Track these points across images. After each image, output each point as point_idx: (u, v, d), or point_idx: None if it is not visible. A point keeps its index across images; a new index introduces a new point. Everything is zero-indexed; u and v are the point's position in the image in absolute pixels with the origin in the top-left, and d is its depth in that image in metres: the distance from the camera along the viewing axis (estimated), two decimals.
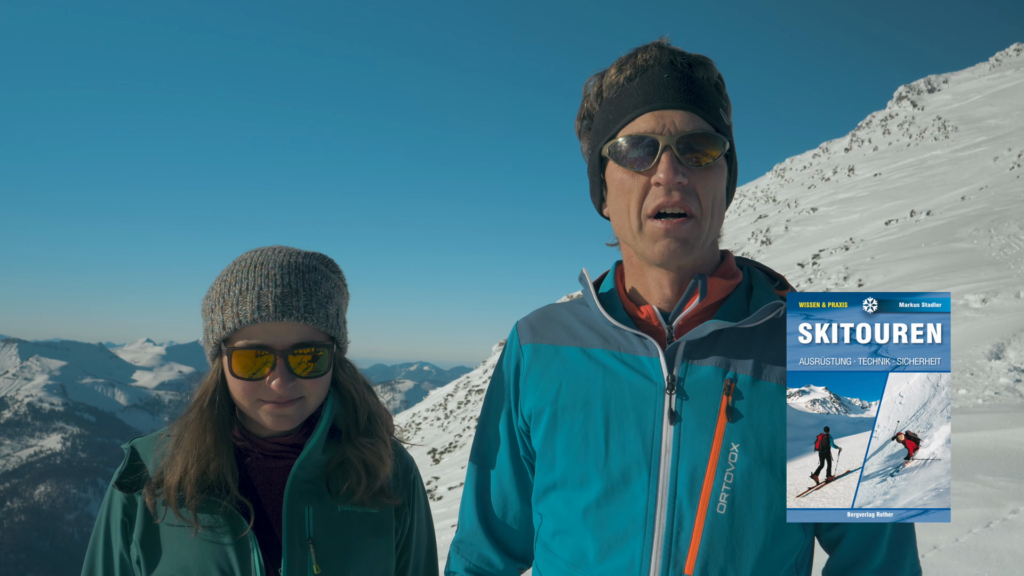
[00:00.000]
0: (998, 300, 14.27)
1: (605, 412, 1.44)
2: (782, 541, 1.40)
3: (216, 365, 1.67)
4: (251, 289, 1.61)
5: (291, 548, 1.64)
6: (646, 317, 1.49)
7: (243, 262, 1.67)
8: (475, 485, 1.68)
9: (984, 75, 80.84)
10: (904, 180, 46.83)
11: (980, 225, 23.20)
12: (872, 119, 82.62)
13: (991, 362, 11.05)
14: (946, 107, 70.87)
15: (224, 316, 1.61)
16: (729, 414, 1.38)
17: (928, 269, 19.44)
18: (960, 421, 7.75)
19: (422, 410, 43.02)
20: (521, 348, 1.61)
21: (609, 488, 1.41)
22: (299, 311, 1.61)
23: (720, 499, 1.36)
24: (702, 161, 1.37)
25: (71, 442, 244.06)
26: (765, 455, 1.37)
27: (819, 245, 34.48)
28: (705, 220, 1.39)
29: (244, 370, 1.61)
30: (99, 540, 1.70)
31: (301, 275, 1.65)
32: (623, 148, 1.40)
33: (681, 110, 1.38)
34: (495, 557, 1.64)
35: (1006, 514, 5.30)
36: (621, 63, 1.45)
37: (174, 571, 1.61)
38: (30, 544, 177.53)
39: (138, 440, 1.74)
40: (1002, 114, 58.52)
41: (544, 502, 1.53)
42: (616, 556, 1.40)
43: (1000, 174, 36.93)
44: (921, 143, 61.05)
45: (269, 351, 1.60)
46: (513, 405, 1.61)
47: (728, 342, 1.43)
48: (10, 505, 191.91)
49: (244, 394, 1.63)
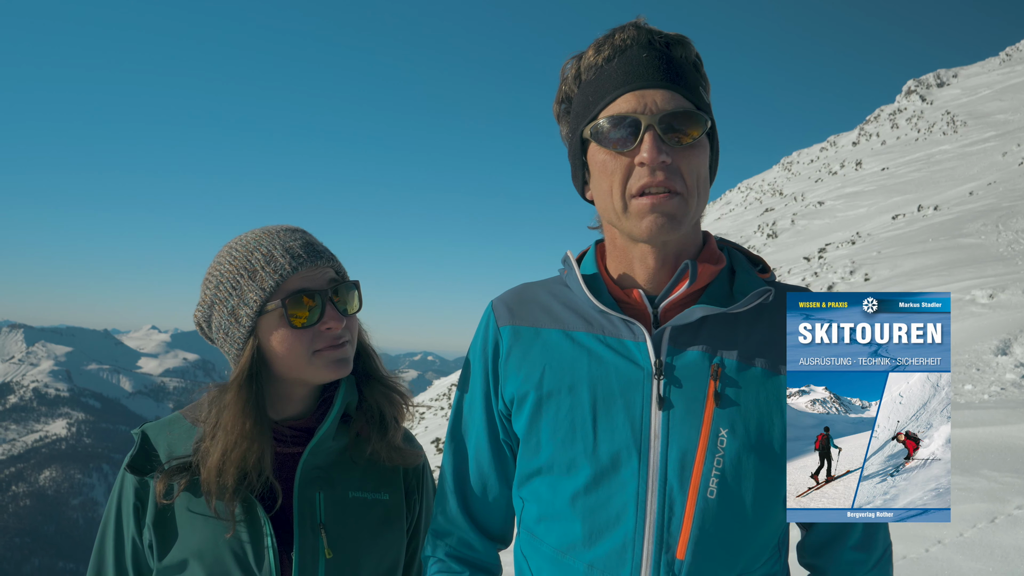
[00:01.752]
0: (1005, 296, 14.24)
1: (592, 397, 1.44)
2: (769, 523, 1.41)
3: (251, 344, 1.65)
4: (275, 247, 1.64)
5: (303, 533, 1.64)
6: (632, 300, 1.48)
7: (244, 239, 1.69)
8: (453, 469, 1.67)
9: (994, 70, 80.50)
10: (912, 175, 46.70)
11: (988, 220, 23.15)
12: (880, 113, 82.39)
13: (997, 358, 11.03)
14: (955, 102, 70.61)
15: (258, 281, 1.62)
16: (717, 400, 1.38)
17: (935, 264, 19.40)
18: (966, 416, 7.74)
19: (426, 399, 43.07)
20: (499, 330, 1.59)
21: (598, 474, 1.41)
22: (325, 253, 1.69)
23: (710, 484, 1.36)
24: (684, 140, 1.36)
25: (76, 427, 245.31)
26: (753, 440, 1.38)
27: (826, 239, 34.44)
28: (691, 197, 1.38)
29: (304, 318, 1.62)
30: (110, 524, 1.70)
31: (302, 232, 1.72)
32: (605, 129, 1.38)
33: (662, 89, 1.36)
34: (476, 540, 1.64)
35: (1011, 509, 5.30)
36: (599, 44, 1.43)
37: (187, 555, 1.62)
38: (35, 528, 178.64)
39: (148, 425, 1.74)
40: (1011, 109, 58.28)
41: (528, 487, 1.52)
42: (607, 541, 1.40)
43: (1009, 169, 36.80)
44: (929, 138, 60.86)
45: (318, 294, 1.64)
46: (492, 389, 1.59)
47: (714, 327, 1.43)
48: (15, 490, 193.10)
49: (304, 347, 1.63)
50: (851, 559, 1.50)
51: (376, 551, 1.74)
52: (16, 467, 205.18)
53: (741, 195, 78.79)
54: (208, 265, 1.73)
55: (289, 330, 1.62)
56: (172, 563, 1.63)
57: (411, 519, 1.86)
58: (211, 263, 1.72)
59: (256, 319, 1.63)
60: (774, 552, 1.46)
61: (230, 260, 1.67)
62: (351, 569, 1.69)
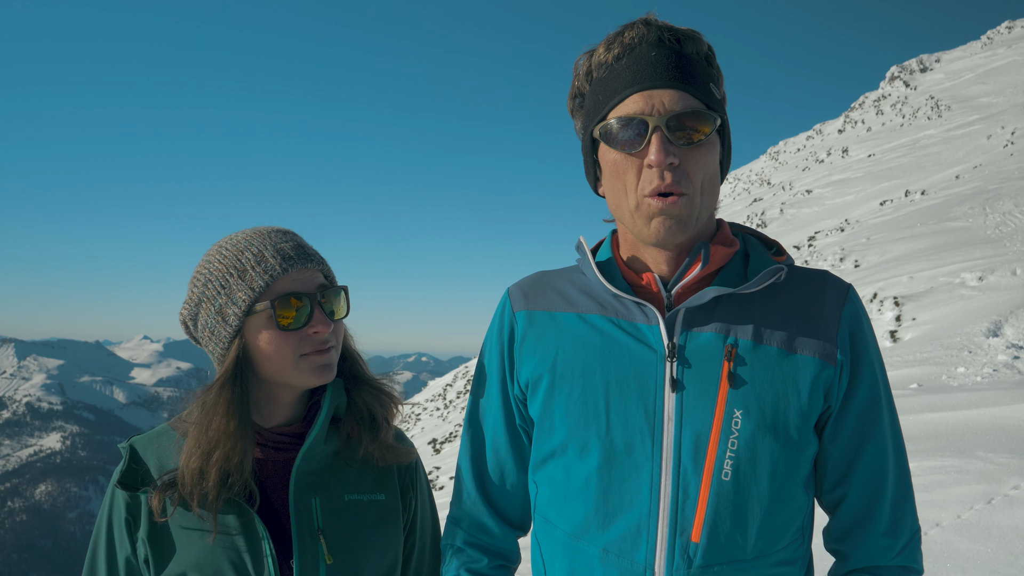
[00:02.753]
0: (994, 278, 14.29)
1: (605, 380, 1.44)
2: (787, 505, 1.40)
3: (236, 344, 1.64)
4: (265, 248, 1.63)
5: (302, 540, 1.63)
6: (645, 284, 1.49)
7: (234, 238, 1.68)
8: (471, 455, 1.67)
9: (976, 53, 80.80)
10: (898, 160, 46.84)
11: (975, 203, 23.21)
12: (865, 100, 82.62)
13: (989, 340, 11.07)
14: (938, 86, 70.88)
15: (247, 281, 1.60)
16: (731, 380, 1.38)
17: (924, 248, 19.46)
18: (960, 399, 7.77)
19: (421, 400, 43.00)
20: (515, 315, 1.60)
21: (611, 457, 1.41)
22: (315, 257, 1.68)
23: (725, 466, 1.36)
24: (693, 138, 1.37)
25: (71, 441, 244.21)
26: (768, 420, 1.37)
27: (814, 227, 34.50)
28: (697, 197, 1.38)
29: (291, 320, 1.61)
30: (100, 540, 1.67)
31: (292, 234, 1.70)
32: (614, 130, 1.39)
33: (670, 89, 1.37)
34: (494, 526, 1.64)
35: (1007, 490, 5.32)
36: (609, 41, 1.44)
37: (184, 568, 1.59)
38: (32, 543, 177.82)
39: (136, 438, 1.72)
40: (995, 92, 58.50)
41: (543, 470, 1.53)
42: (621, 525, 1.40)
43: (994, 152, 36.93)
44: (914, 123, 61.06)
45: (306, 296, 1.62)
46: (508, 373, 1.60)
47: (727, 308, 1.43)
48: (11, 505, 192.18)
49: (291, 349, 1.62)
50: (878, 545, 1.48)
51: (376, 552, 1.73)
52: (11, 482, 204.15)
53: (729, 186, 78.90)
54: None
55: (276, 332, 1.61)
56: None
57: (407, 517, 1.86)
58: (200, 261, 1.70)
59: (244, 319, 1.62)
60: (796, 536, 1.45)
61: (220, 259, 1.65)
62: (353, 572, 1.68)
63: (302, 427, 1.73)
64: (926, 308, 14.01)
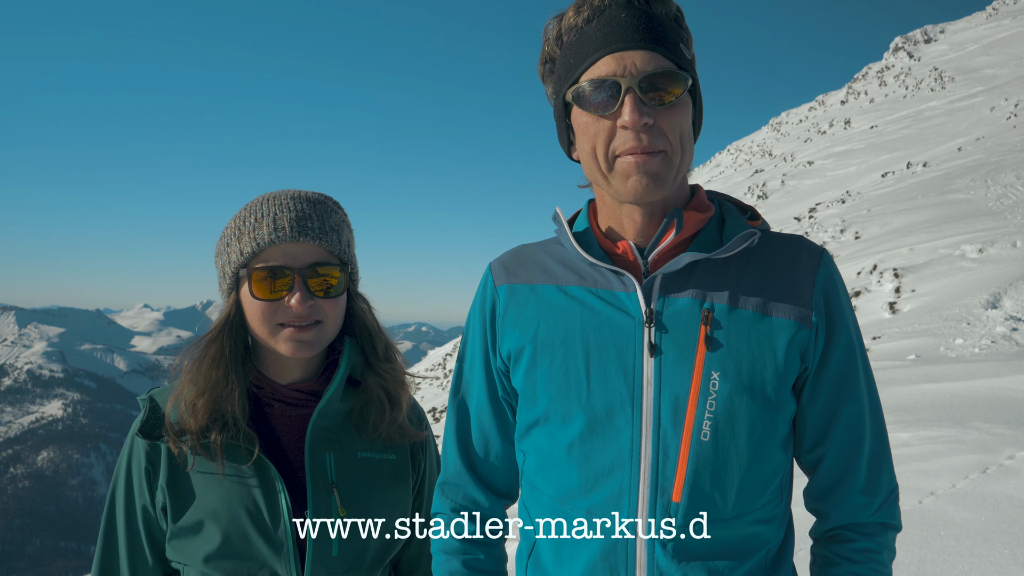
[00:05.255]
0: (994, 250, 14.31)
1: (585, 348, 1.45)
2: (765, 464, 1.42)
3: (231, 299, 1.70)
4: (267, 215, 1.66)
5: (316, 492, 1.68)
6: (622, 252, 1.49)
7: (255, 200, 1.72)
8: (456, 427, 1.70)
9: (981, 24, 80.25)
10: (900, 132, 46.68)
11: (977, 176, 23.18)
12: (868, 71, 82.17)
13: (988, 311, 11.11)
14: (942, 58, 70.44)
15: (241, 244, 1.65)
16: (708, 343, 1.40)
17: (925, 220, 19.46)
18: (957, 370, 7.80)
19: (421, 370, 43.20)
20: (496, 289, 1.61)
21: (593, 422, 1.43)
22: (314, 232, 1.67)
23: (703, 427, 1.38)
24: (665, 99, 1.36)
25: (72, 408, 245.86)
26: (745, 381, 1.39)
27: (816, 199, 34.47)
28: (675, 155, 1.39)
29: (264, 291, 1.64)
30: (119, 489, 1.72)
31: (312, 204, 1.71)
32: (586, 93, 1.39)
33: (641, 50, 1.36)
34: (480, 495, 1.66)
35: (1003, 460, 5.36)
36: (578, 4, 1.43)
37: (202, 516, 1.64)
38: (35, 509, 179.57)
39: (155, 390, 1.77)
40: (999, 64, 58.17)
41: (527, 439, 1.55)
42: (603, 488, 1.42)
43: (997, 124, 36.81)
44: (917, 94, 60.77)
45: (288, 270, 1.65)
46: (491, 347, 1.62)
47: (703, 273, 1.44)
48: (13, 471, 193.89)
49: (263, 318, 1.65)
50: (857, 503, 1.50)
51: (386, 508, 1.77)
52: (13, 449, 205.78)
53: (731, 157, 78.70)
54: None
55: (252, 298, 1.66)
56: (187, 524, 1.64)
57: (416, 477, 1.90)
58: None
59: (235, 278, 1.68)
60: (775, 495, 1.47)
61: (236, 218, 1.71)
62: (364, 527, 1.73)
63: (318, 384, 1.77)
64: (926, 280, 14.04)
